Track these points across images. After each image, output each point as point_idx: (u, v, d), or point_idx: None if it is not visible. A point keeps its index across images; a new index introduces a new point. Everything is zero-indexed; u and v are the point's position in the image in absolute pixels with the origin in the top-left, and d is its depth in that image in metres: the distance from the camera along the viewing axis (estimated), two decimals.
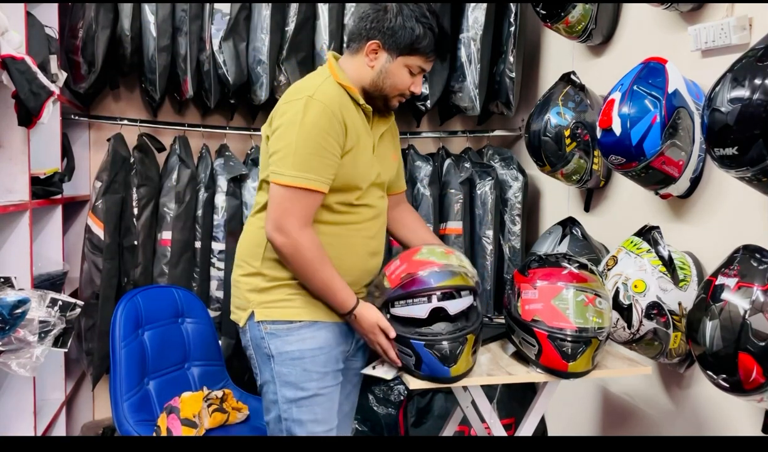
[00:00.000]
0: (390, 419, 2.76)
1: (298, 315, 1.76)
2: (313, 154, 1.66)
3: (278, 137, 1.70)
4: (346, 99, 1.76)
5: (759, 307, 1.38)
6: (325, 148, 1.67)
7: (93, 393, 2.99)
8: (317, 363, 1.76)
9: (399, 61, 1.77)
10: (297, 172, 1.66)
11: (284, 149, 1.67)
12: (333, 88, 1.75)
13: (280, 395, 1.75)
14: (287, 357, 1.75)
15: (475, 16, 2.83)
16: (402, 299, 1.71)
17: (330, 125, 1.67)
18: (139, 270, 2.68)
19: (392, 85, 1.79)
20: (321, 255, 1.70)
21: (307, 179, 1.66)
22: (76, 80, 2.66)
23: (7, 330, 1.81)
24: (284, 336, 1.75)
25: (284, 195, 1.66)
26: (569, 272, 1.78)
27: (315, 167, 1.67)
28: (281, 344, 1.75)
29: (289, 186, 1.66)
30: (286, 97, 1.75)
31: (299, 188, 1.66)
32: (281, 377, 1.75)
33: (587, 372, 1.78)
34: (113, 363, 2.28)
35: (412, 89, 1.82)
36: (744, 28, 1.74)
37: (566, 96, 2.34)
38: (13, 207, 2.05)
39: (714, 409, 1.91)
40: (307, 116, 1.67)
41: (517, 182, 2.92)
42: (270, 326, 1.76)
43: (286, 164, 1.66)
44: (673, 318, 1.82)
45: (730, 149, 1.40)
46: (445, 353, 1.67)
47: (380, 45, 1.76)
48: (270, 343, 1.76)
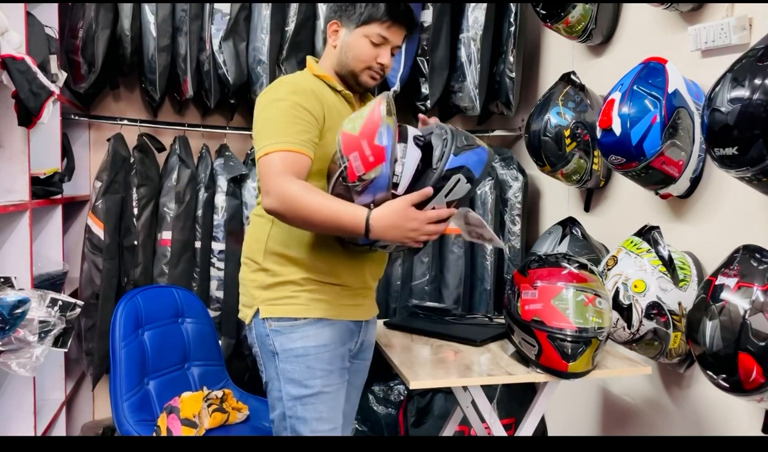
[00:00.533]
0: (390, 419, 2.76)
1: (303, 312, 1.75)
2: (287, 122, 1.64)
3: (254, 123, 1.70)
4: (321, 87, 1.76)
5: (759, 307, 1.38)
6: (297, 116, 1.64)
7: (93, 393, 2.99)
8: (322, 360, 1.75)
9: (357, 32, 1.76)
10: (271, 140, 1.63)
11: (259, 129, 1.68)
12: (307, 77, 1.78)
13: (284, 392, 1.75)
14: (291, 354, 1.74)
15: (475, 16, 2.83)
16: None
17: (303, 98, 1.66)
18: (139, 270, 2.68)
19: (355, 58, 1.77)
20: (313, 194, 1.58)
21: (281, 143, 1.61)
22: (76, 80, 2.66)
23: (7, 330, 1.81)
24: (288, 333, 1.74)
25: (263, 164, 1.62)
26: (569, 272, 1.78)
27: (289, 132, 1.63)
28: (285, 341, 1.74)
29: (265, 154, 1.62)
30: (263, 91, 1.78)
31: (274, 152, 1.61)
32: (285, 374, 1.74)
33: (587, 372, 1.78)
34: (113, 363, 2.28)
35: (380, 61, 1.77)
36: (744, 28, 1.74)
37: (566, 96, 2.34)
38: (13, 207, 2.05)
39: (714, 409, 1.91)
40: (278, 94, 1.68)
41: (517, 182, 2.92)
42: (274, 323, 1.75)
43: (261, 139, 1.65)
44: (673, 318, 1.82)
45: (730, 149, 1.40)
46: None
47: (339, 23, 1.78)
48: (274, 340, 1.75)
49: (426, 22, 2.81)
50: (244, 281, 1.84)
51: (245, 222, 2.80)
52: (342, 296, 1.78)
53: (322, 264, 1.74)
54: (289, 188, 1.58)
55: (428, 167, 1.55)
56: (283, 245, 1.73)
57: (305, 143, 1.64)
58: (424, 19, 2.82)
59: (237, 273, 1.90)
